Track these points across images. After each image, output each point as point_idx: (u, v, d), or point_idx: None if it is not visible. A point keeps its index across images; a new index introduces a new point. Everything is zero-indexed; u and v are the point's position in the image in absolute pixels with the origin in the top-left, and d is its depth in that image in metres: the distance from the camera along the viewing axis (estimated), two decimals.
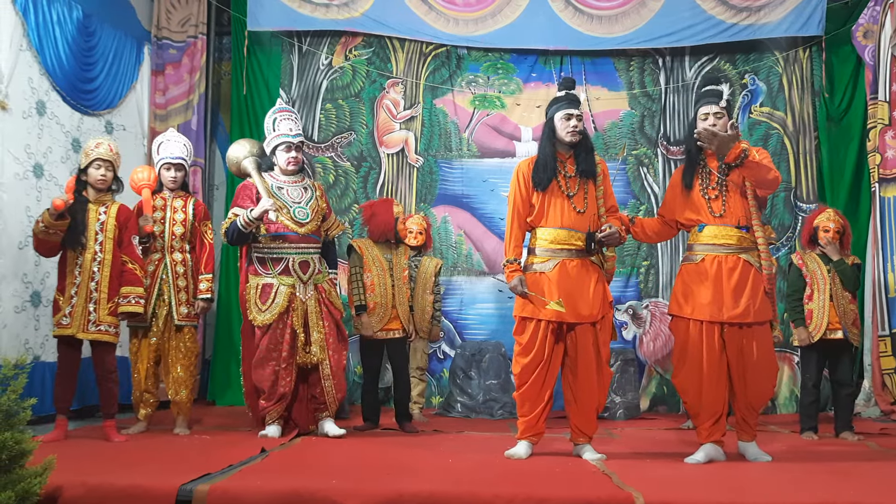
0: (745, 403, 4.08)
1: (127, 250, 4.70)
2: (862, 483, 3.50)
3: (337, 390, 4.73)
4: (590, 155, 4.19)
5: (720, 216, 4.08)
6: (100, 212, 4.63)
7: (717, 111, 4.09)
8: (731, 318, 3.99)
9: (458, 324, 7.01)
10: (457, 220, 7.13)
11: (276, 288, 4.64)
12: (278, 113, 4.83)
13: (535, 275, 4.11)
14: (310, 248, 4.76)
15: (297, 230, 4.69)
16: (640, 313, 6.96)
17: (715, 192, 4.10)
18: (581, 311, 4.04)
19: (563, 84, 4.28)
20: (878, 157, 6.54)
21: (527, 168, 4.20)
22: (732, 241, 4.07)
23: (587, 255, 4.13)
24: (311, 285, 4.71)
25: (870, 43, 6.73)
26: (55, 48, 5.53)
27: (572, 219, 4.10)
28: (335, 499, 3.01)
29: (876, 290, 6.42)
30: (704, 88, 4.23)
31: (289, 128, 4.78)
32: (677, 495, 3.15)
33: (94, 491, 3.07)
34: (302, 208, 4.74)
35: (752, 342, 4.01)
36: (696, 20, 6.92)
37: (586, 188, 4.16)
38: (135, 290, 4.64)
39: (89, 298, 4.52)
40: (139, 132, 6.61)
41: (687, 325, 4.09)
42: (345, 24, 7.09)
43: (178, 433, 4.85)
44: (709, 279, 4.04)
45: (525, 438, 4.13)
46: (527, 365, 4.07)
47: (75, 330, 4.50)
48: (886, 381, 6.28)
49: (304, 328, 4.67)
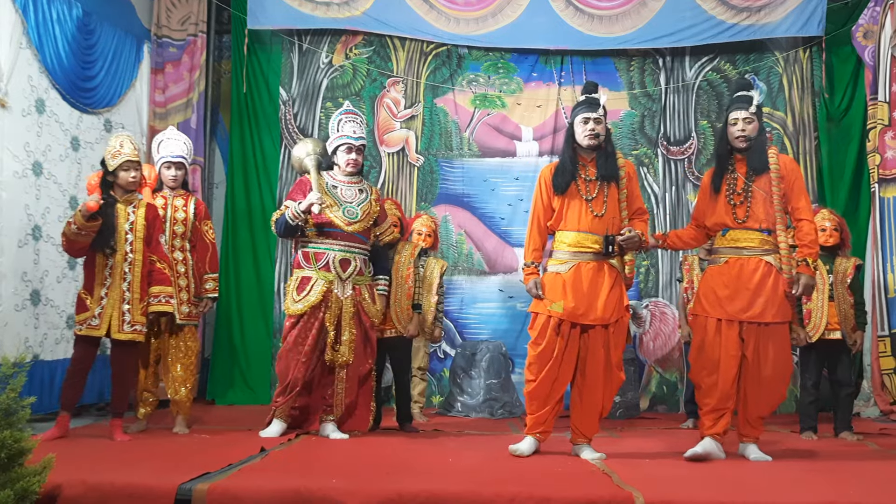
0: (756, 404, 4.11)
1: (155, 249, 4.69)
2: (862, 483, 3.50)
3: (347, 396, 4.72)
4: (611, 158, 4.19)
5: (742, 222, 4.14)
6: (129, 212, 4.62)
7: (746, 116, 4.15)
8: (750, 318, 4.05)
9: (459, 323, 7.01)
10: (457, 220, 7.13)
11: (313, 281, 4.64)
12: (344, 115, 4.86)
13: (550, 274, 4.16)
14: (354, 247, 4.73)
15: (344, 228, 4.68)
16: (640, 313, 6.96)
17: (740, 199, 4.16)
18: (592, 314, 4.07)
19: (584, 88, 4.32)
20: (877, 158, 6.54)
21: (549, 173, 4.25)
22: (754, 243, 4.13)
23: (605, 258, 4.14)
24: (350, 285, 4.69)
25: (870, 43, 6.73)
26: (55, 46, 5.52)
27: (589, 222, 4.12)
28: (335, 498, 3.01)
29: (875, 290, 6.42)
30: (736, 94, 4.27)
31: (352, 130, 4.81)
32: (677, 495, 3.15)
33: (93, 489, 3.06)
34: (353, 208, 4.74)
35: (768, 342, 4.06)
36: (697, 20, 6.93)
37: (606, 191, 4.17)
38: (164, 290, 4.64)
39: (122, 299, 4.51)
40: (138, 130, 6.60)
41: (706, 322, 4.16)
42: (345, 22, 7.09)
43: (177, 432, 4.84)
44: (731, 279, 4.12)
45: (531, 434, 4.16)
46: (536, 356, 4.09)
47: (107, 331, 4.47)
48: (886, 381, 6.29)
49: (336, 326, 4.66)
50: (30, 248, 5.27)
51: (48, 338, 5.39)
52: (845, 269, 5.15)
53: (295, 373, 4.62)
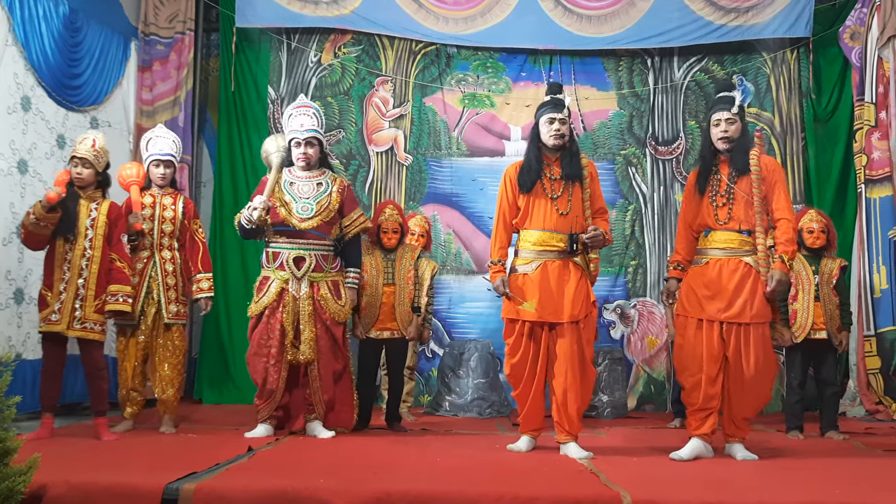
0: (743, 403, 4.11)
1: (116, 248, 4.65)
2: (847, 482, 3.52)
3: (324, 393, 4.70)
4: (575, 158, 4.28)
5: (724, 223, 4.16)
6: (91, 208, 4.59)
7: (728, 117, 4.16)
8: (729, 318, 4.06)
9: (447, 322, 7.01)
10: (446, 219, 7.13)
11: (270, 281, 4.64)
12: (294, 108, 4.76)
13: (518, 276, 4.23)
14: (309, 244, 4.67)
15: (297, 225, 4.64)
16: (627, 312, 6.98)
17: (723, 200, 4.18)
18: (562, 312, 4.13)
19: (549, 89, 4.39)
20: (864, 159, 6.58)
21: (514, 171, 4.32)
22: (734, 244, 4.14)
23: (569, 257, 4.21)
24: (306, 282, 4.64)
25: (857, 45, 6.77)
26: (41, 43, 5.49)
27: (555, 221, 4.20)
28: (323, 497, 3.00)
29: (861, 290, 6.46)
30: (718, 95, 4.29)
31: (300, 123, 4.69)
32: (664, 494, 3.15)
33: (78, 489, 3.04)
34: (308, 203, 4.67)
35: (749, 343, 4.05)
36: (685, 21, 6.96)
37: (571, 191, 4.25)
38: (122, 289, 4.60)
39: (77, 295, 4.49)
40: (125, 129, 6.56)
41: (687, 322, 4.19)
42: (334, 21, 7.08)
43: (164, 432, 4.82)
44: (711, 280, 4.13)
45: (526, 433, 4.29)
46: (515, 365, 4.22)
47: (63, 327, 4.46)
48: (871, 380, 6.33)
49: (295, 325, 4.63)
50: (14, 246, 5.23)
51: (31, 337, 5.35)
52: (831, 269, 5.17)
53: (271, 378, 4.61)
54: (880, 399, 6.24)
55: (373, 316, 5.15)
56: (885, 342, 6.34)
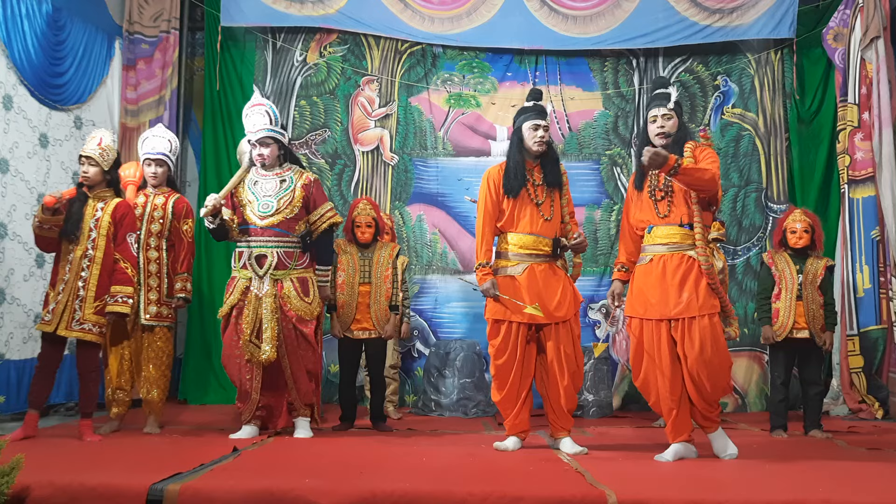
0: (702, 397, 4.09)
1: (121, 248, 4.61)
2: (831, 480, 3.53)
3: (300, 393, 4.68)
4: (556, 165, 4.41)
5: (665, 216, 4.16)
6: (97, 208, 4.57)
7: (664, 113, 4.19)
8: (677, 315, 4.05)
9: (433, 322, 7.00)
10: (431, 219, 7.12)
11: (236, 281, 4.64)
12: (248, 108, 4.71)
13: (505, 278, 4.29)
14: (270, 241, 4.62)
15: (258, 223, 4.62)
16: (613, 312, 6.99)
17: (661, 194, 4.19)
18: (555, 312, 4.24)
19: (530, 95, 4.46)
20: (847, 159, 6.63)
21: (497, 174, 4.38)
22: (676, 238, 4.14)
23: (553, 259, 4.35)
24: (268, 280, 4.58)
25: (840, 46, 6.82)
26: (24, 42, 5.44)
27: (540, 225, 4.33)
28: (308, 498, 2.99)
29: (845, 290, 6.51)
30: (654, 92, 4.33)
31: (252, 123, 4.65)
32: (650, 493, 3.16)
33: (62, 490, 3.02)
34: (269, 201, 4.65)
35: (697, 335, 4.00)
36: (670, 21, 6.99)
37: (552, 196, 4.38)
38: (123, 290, 4.56)
39: (76, 296, 4.45)
40: (109, 128, 6.49)
41: (640, 325, 4.18)
42: (319, 20, 7.06)
43: (148, 432, 4.79)
44: (655, 278, 4.13)
45: (513, 435, 4.33)
46: (502, 366, 4.26)
47: (58, 327, 4.42)
48: (854, 379, 6.37)
49: (258, 324, 4.56)
50: None
51: (14, 337, 5.31)
52: (816, 269, 5.20)
53: (244, 379, 4.60)
54: (863, 398, 6.29)
55: (350, 315, 5.14)
56: (868, 341, 6.39)
